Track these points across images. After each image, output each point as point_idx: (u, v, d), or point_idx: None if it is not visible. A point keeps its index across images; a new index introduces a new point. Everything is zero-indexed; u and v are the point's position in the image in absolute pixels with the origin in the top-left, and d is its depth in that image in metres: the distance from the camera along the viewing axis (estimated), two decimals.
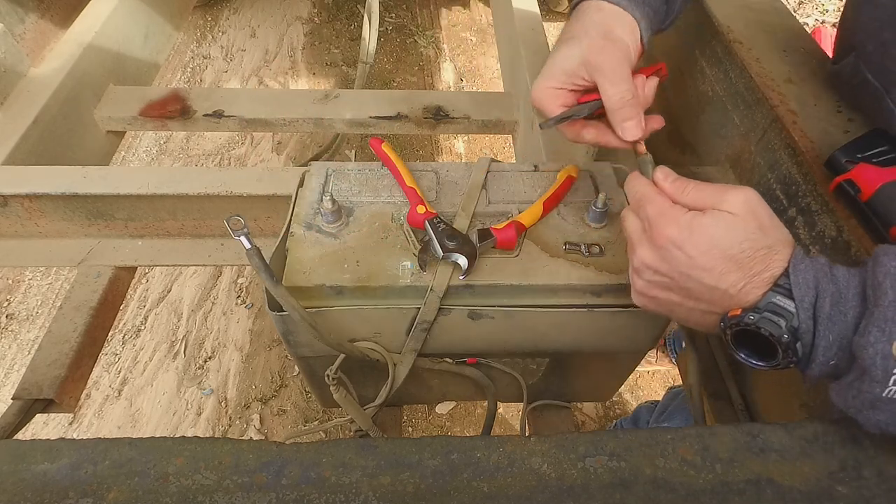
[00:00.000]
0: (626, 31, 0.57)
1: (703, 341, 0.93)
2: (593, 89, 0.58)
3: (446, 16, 3.26)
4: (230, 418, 1.79)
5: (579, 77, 0.57)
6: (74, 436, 1.42)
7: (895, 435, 0.42)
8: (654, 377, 1.94)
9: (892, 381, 0.39)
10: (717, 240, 0.46)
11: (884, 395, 0.39)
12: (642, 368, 1.91)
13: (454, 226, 0.65)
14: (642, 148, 0.58)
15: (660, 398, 1.87)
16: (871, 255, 0.65)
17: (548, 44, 1.23)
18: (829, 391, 0.45)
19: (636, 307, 0.60)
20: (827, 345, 0.43)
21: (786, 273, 0.45)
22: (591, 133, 0.60)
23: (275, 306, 0.59)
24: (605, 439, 0.47)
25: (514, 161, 1.08)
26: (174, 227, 0.93)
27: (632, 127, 0.56)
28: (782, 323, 0.44)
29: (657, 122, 0.58)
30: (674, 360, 1.88)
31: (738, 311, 0.46)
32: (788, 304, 0.44)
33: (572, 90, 0.58)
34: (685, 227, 0.48)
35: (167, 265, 0.96)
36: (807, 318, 0.43)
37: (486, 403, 0.79)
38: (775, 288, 0.45)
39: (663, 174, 0.53)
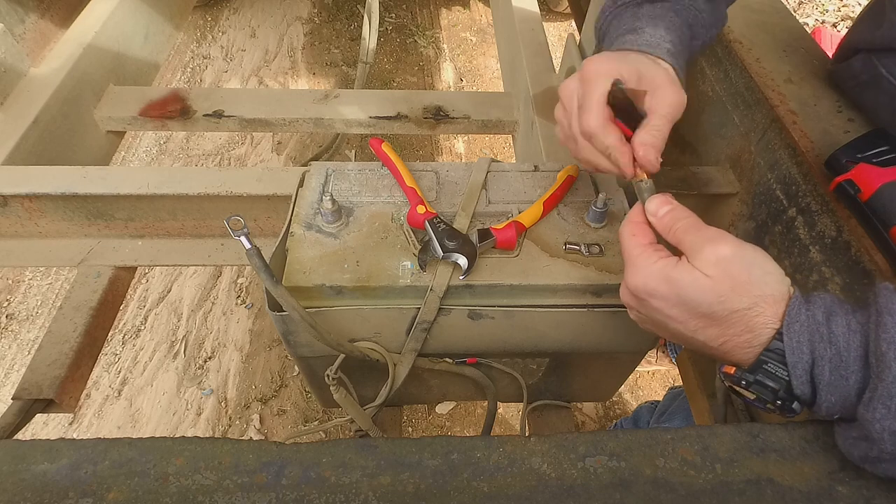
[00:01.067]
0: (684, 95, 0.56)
1: None
2: (626, 107, 0.56)
3: (446, 16, 3.26)
4: (230, 418, 1.79)
5: (641, 84, 0.55)
6: (74, 436, 1.42)
7: None
8: (654, 377, 1.94)
9: None
10: (686, 298, 0.45)
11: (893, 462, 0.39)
12: (642, 368, 1.91)
13: (454, 226, 0.65)
14: (642, 174, 0.56)
15: (660, 398, 1.87)
16: (869, 255, 0.65)
17: (548, 44, 1.23)
18: (835, 434, 0.44)
19: None
20: (830, 405, 0.42)
21: (778, 334, 0.43)
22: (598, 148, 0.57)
23: (275, 306, 0.59)
24: (605, 439, 0.47)
25: (514, 161, 1.08)
26: (174, 227, 0.93)
27: (651, 153, 0.54)
28: (777, 390, 0.43)
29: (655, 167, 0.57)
30: (674, 360, 1.88)
31: (732, 370, 0.45)
32: (781, 372, 0.42)
33: (615, 85, 0.55)
34: (654, 278, 0.47)
35: (167, 265, 0.96)
36: (802, 383, 0.42)
37: (486, 403, 0.79)
38: (766, 353, 0.43)
39: (655, 206, 0.53)
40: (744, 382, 0.44)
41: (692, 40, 0.62)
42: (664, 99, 0.54)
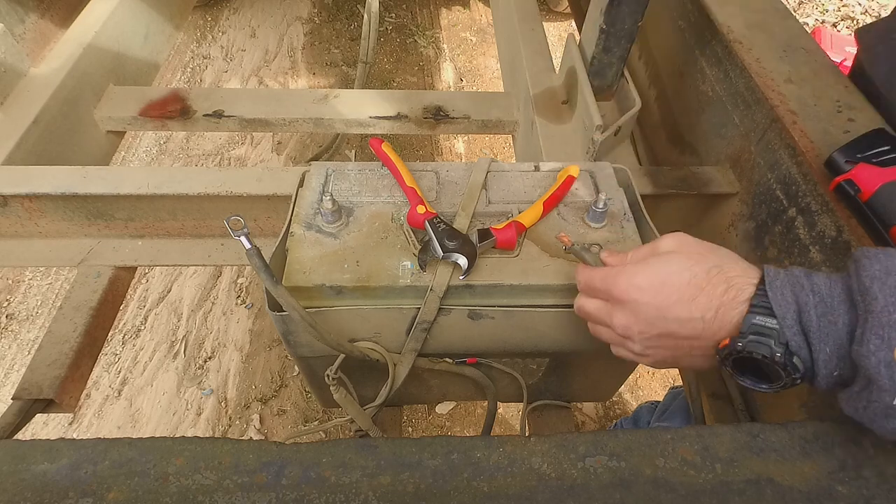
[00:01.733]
0: None
1: None
2: None
3: (446, 16, 3.26)
4: (230, 418, 1.79)
5: None
6: (74, 436, 1.42)
7: None
8: (654, 377, 1.94)
9: None
10: (664, 274, 0.49)
11: (894, 402, 0.38)
12: (642, 367, 1.91)
13: (454, 226, 0.65)
14: (568, 240, 0.63)
15: (660, 398, 1.87)
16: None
17: (548, 44, 1.23)
18: (839, 401, 0.44)
19: None
20: (826, 357, 0.43)
21: (760, 292, 0.45)
22: None
23: (275, 306, 0.59)
24: (605, 439, 0.47)
25: (514, 161, 1.08)
26: (174, 227, 0.93)
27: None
28: (770, 342, 0.43)
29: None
30: None
31: (727, 341, 0.46)
32: (770, 322, 0.43)
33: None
34: (632, 274, 0.51)
35: (167, 265, 0.96)
36: (794, 333, 0.43)
37: (486, 403, 0.79)
38: (753, 309, 0.44)
39: (607, 253, 0.59)
40: (739, 345, 0.44)
41: None
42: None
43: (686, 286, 0.47)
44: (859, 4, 3.27)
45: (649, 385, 1.93)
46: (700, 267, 0.48)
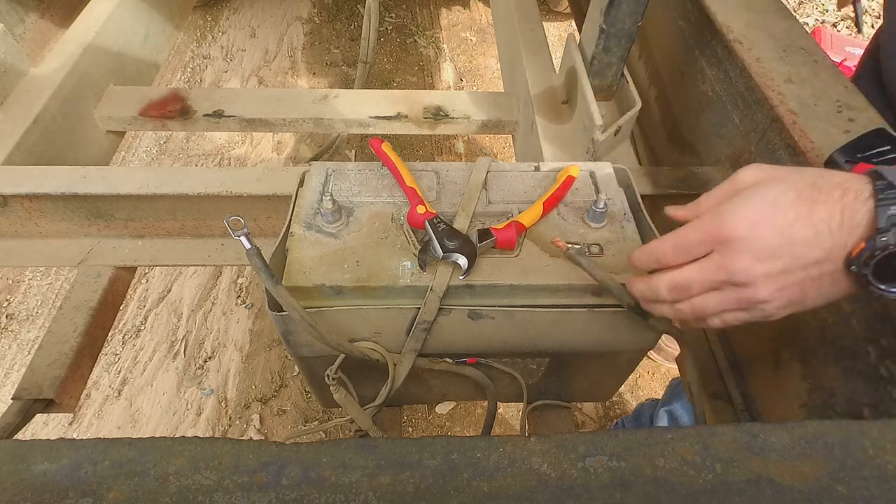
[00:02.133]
0: None
1: (699, 341, 0.93)
2: None
3: (446, 16, 3.26)
4: (230, 418, 1.79)
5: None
6: (74, 436, 1.42)
7: None
8: (654, 377, 1.94)
9: None
10: (769, 199, 0.44)
11: None
12: (642, 367, 1.91)
13: (454, 226, 0.65)
14: (563, 244, 0.61)
15: (660, 396, 1.87)
16: None
17: (548, 44, 1.23)
18: None
19: (636, 307, 0.60)
20: None
21: (882, 185, 0.41)
22: None
23: (275, 306, 0.59)
24: (605, 439, 0.47)
25: (514, 161, 1.08)
26: (174, 227, 0.93)
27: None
28: None
29: None
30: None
31: (864, 244, 0.42)
32: None
33: None
34: (733, 209, 0.45)
35: (167, 265, 0.96)
36: None
37: (486, 403, 0.79)
38: (881, 202, 0.41)
39: (673, 209, 0.53)
40: (883, 239, 0.40)
41: None
42: None
43: (799, 202, 0.43)
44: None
45: (649, 385, 1.93)
46: (802, 183, 0.44)
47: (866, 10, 3.22)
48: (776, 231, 0.44)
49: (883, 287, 0.43)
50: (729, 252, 0.46)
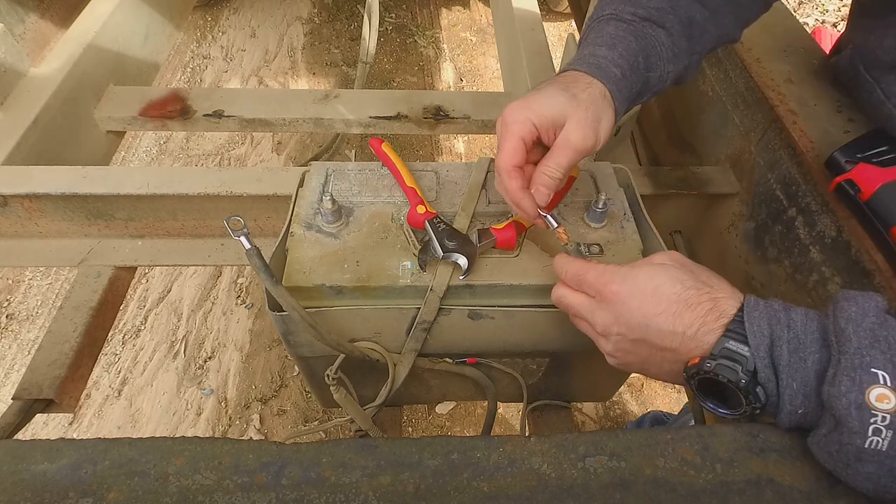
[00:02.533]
0: (606, 127, 0.58)
1: None
2: (539, 146, 0.59)
3: (446, 16, 3.26)
4: (230, 418, 1.79)
5: (553, 129, 0.57)
6: (74, 436, 1.42)
7: (886, 491, 0.40)
8: (658, 381, 1.94)
9: (871, 431, 0.38)
10: (660, 284, 0.49)
11: (866, 446, 0.38)
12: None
13: (454, 226, 0.65)
14: (565, 237, 0.61)
15: (663, 403, 1.88)
16: (869, 255, 0.66)
17: (548, 44, 1.23)
18: (810, 447, 0.44)
19: None
20: (792, 393, 0.43)
21: (738, 319, 0.45)
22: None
23: (275, 306, 0.59)
24: (605, 439, 0.47)
25: None
26: (174, 227, 0.93)
27: (543, 195, 0.57)
28: (738, 368, 0.44)
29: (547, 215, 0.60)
30: None
31: (697, 360, 0.46)
32: (742, 349, 0.44)
33: (536, 134, 0.58)
34: (628, 278, 0.51)
35: (167, 265, 0.96)
36: (764, 365, 0.44)
37: (486, 403, 0.79)
38: (727, 333, 0.45)
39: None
40: (708, 366, 0.45)
41: (647, 71, 0.63)
42: (564, 136, 0.56)
43: (676, 299, 0.48)
44: None
45: (650, 385, 1.93)
46: (692, 282, 0.49)
47: None
48: (643, 314, 0.49)
49: (703, 400, 0.48)
50: (601, 306, 0.53)
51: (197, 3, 2.70)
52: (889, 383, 0.38)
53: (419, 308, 0.62)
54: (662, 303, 0.48)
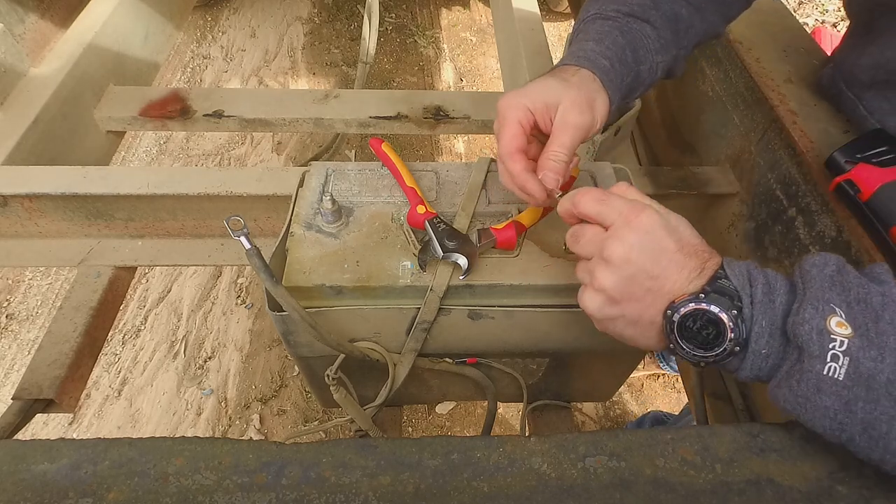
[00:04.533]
0: (601, 108, 0.59)
1: None
2: (537, 138, 0.61)
3: (446, 16, 3.26)
4: (230, 418, 1.79)
5: (548, 113, 0.58)
6: (74, 436, 1.42)
7: (841, 429, 0.41)
8: (658, 380, 1.94)
9: (829, 357, 0.41)
10: (678, 226, 0.51)
11: (825, 372, 0.41)
12: (638, 373, 1.91)
13: (454, 226, 0.65)
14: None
15: (664, 404, 1.88)
16: (869, 255, 0.66)
17: (548, 44, 1.23)
18: (771, 392, 0.46)
19: None
20: (759, 331, 0.46)
21: (721, 268, 0.48)
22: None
23: (275, 306, 0.59)
24: (605, 439, 0.47)
25: None
26: (174, 227, 0.93)
27: (551, 178, 0.57)
28: (729, 302, 0.46)
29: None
30: (662, 366, 1.88)
31: (685, 296, 0.47)
32: (731, 285, 0.47)
33: (532, 119, 0.59)
34: (658, 210, 0.51)
35: (167, 265, 0.96)
36: (748, 302, 0.46)
37: (486, 403, 0.79)
38: (717, 275, 0.48)
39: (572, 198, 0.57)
40: (701, 296, 0.46)
41: (637, 63, 0.65)
42: (561, 118, 0.57)
43: (687, 243, 0.50)
44: None
45: (650, 385, 1.93)
46: (700, 238, 0.52)
47: None
48: (662, 247, 0.49)
49: (678, 341, 0.48)
50: (620, 233, 0.50)
51: (197, 3, 2.70)
52: (844, 318, 0.42)
53: (419, 308, 0.62)
54: (681, 241, 0.50)
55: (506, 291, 0.64)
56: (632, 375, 1.89)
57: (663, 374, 1.93)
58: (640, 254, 0.49)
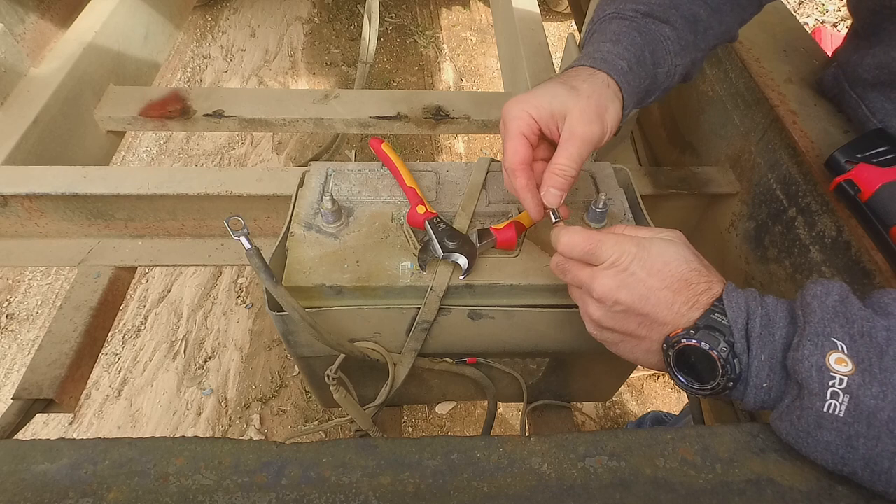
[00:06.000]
0: (612, 117, 0.57)
1: None
2: (545, 141, 0.60)
3: (446, 16, 3.26)
4: (230, 418, 1.79)
5: (553, 121, 0.57)
6: (74, 436, 1.42)
7: (843, 463, 0.41)
8: (658, 380, 1.94)
9: (829, 395, 0.40)
10: (668, 260, 0.50)
11: (825, 409, 0.40)
12: (638, 373, 1.91)
13: (454, 226, 0.65)
14: (566, 213, 0.60)
15: (665, 404, 1.88)
16: (869, 255, 0.66)
17: (548, 44, 1.23)
18: (773, 424, 0.45)
19: None
20: (759, 365, 0.45)
21: (719, 298, 0.48)
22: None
23: (275, 306, 0.59)
24: (605, 439, 0.47)
25: None
26: (174, 227, 0.93)
27: (553, 196, 0.57)
28: (720, 338, 0.46)
29: (564, 214, 0.59)
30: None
31: (680, 330, 0.48)
32: (724, 320, 0.46)
33: (537, 127, 0.58)
34: (642, 247, 0.50)
35: (167, 265, 0.96)
36: (740, 337, 0.46)
37: (486, 403, 0.79)
38: (712, 308, 0.48)
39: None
40: (692, 332, 0.47)
41: (655, 66, 0.63)
42: (568, 129, 0.56)
43: (679, 276, 0.49)
44: None
45: (650, 385, 1.93)
46: (695, 263, 0.51)
47: None
48: (648, 286, 0.49)
49: (676, 373, 0.49)
50: (609, 271, 0.51)
51: (197, 3, 2.70)
52: (846, 352, 0.41)
53: (419, 308, 0.62)
54: (668, 278, 0.49)
55: (506, 291, 0.64)
56: (632, 375, 1.90)
57: (663, 374, 1.93)
58: (627, 294, 0.50)
